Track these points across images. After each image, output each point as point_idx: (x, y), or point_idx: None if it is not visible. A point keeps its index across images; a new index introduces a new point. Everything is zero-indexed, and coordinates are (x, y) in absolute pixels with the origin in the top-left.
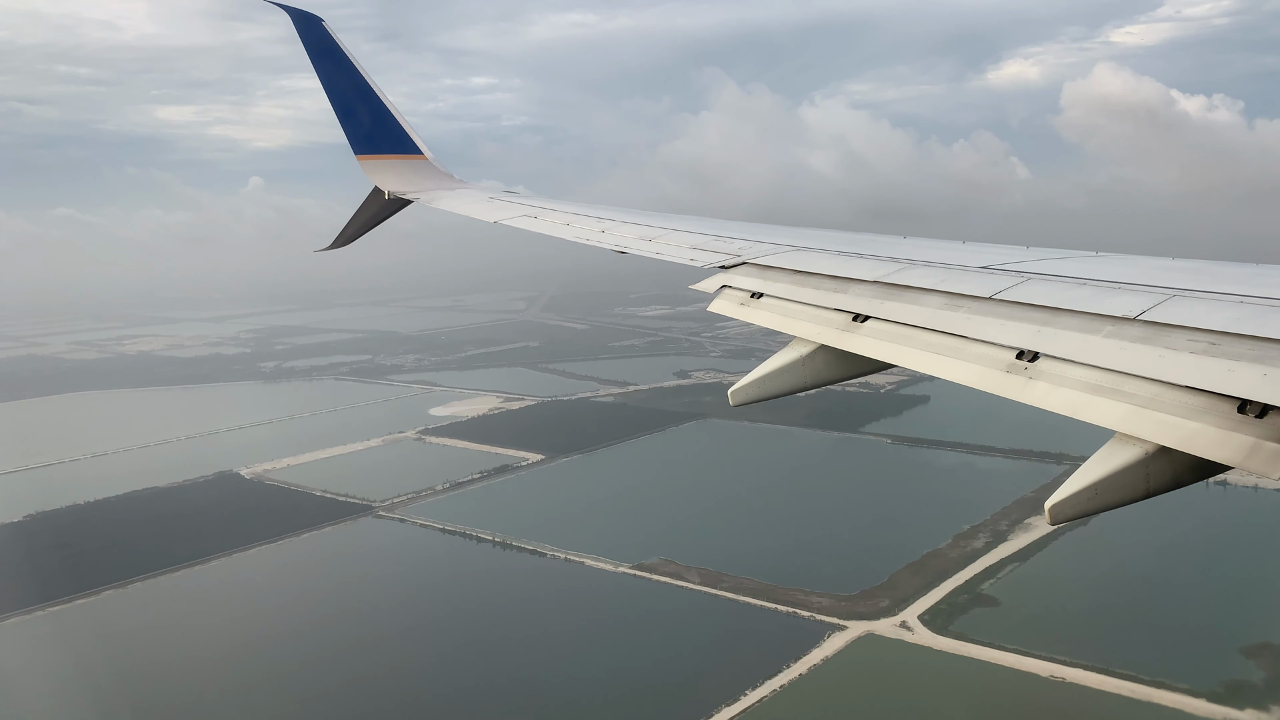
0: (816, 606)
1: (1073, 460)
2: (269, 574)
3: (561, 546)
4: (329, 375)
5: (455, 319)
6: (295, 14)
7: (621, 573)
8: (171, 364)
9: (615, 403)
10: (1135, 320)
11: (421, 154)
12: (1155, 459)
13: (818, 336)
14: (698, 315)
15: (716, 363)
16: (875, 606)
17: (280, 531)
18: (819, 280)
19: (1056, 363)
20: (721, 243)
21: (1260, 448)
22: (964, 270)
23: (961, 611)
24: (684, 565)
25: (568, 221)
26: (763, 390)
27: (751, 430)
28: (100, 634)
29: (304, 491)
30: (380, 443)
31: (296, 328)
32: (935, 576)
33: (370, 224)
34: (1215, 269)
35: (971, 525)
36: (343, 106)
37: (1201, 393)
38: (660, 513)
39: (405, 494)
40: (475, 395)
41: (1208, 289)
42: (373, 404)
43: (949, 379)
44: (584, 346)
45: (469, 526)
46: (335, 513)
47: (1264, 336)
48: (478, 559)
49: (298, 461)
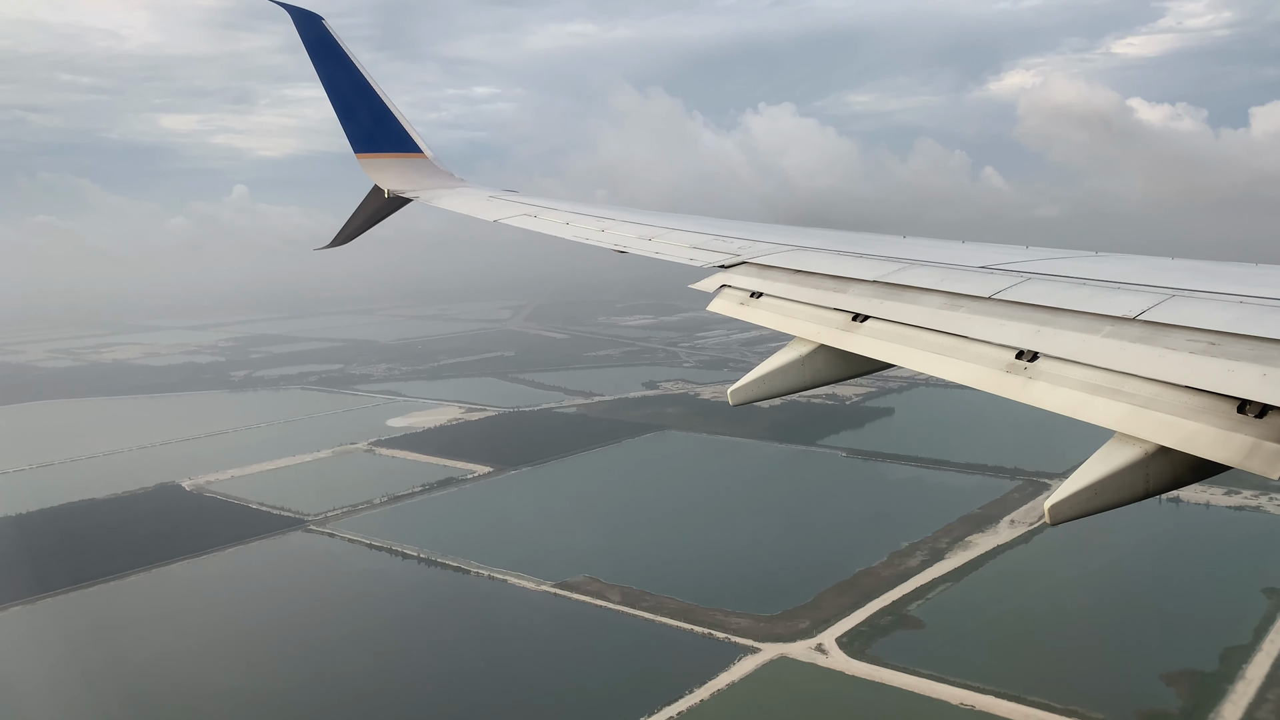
0: (734, 628)
1: (1026, 475)
2: (181, 591)
3: (487, 563)
4: (297, 385)
5: (437, 328)
6: (295, 12)
7: (542, 591)
8: (144, 372)
9: (577, 414)
10: (1135, 320)
11: (421, 153)
12: (1155, 459)
13: (817, 336)
14: (680, 325)
15: (688, 373)
16: (794, 628)
17: (205, 546)
18: (819, 280)
19: (1056, 362)
20: (721, 242)
21: (1260, 448)
22: (963, 270)
23: (882, 634)
24: (608, 584)
25: (567, 221)
26: (762, 390)
27: (708, 442)
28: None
29: (241, 504)
30: (330, 454)
31: (277, 336)
32: (862, 596)
33: (370, 223)
34: (1215, 269)
35: (910, 543)
36: (343, 105)
37: (1201, 393)
38: (594, 528)
39: (342, 507)
40: (437, 406)
41: (1207, 289)
42: (333, 414)
43: (949, 379)
44: (559, 356)
45: (397, 542)
46: (266, 527)
47: (1264, 336)
48: (397, 576)
49: (243, 473)
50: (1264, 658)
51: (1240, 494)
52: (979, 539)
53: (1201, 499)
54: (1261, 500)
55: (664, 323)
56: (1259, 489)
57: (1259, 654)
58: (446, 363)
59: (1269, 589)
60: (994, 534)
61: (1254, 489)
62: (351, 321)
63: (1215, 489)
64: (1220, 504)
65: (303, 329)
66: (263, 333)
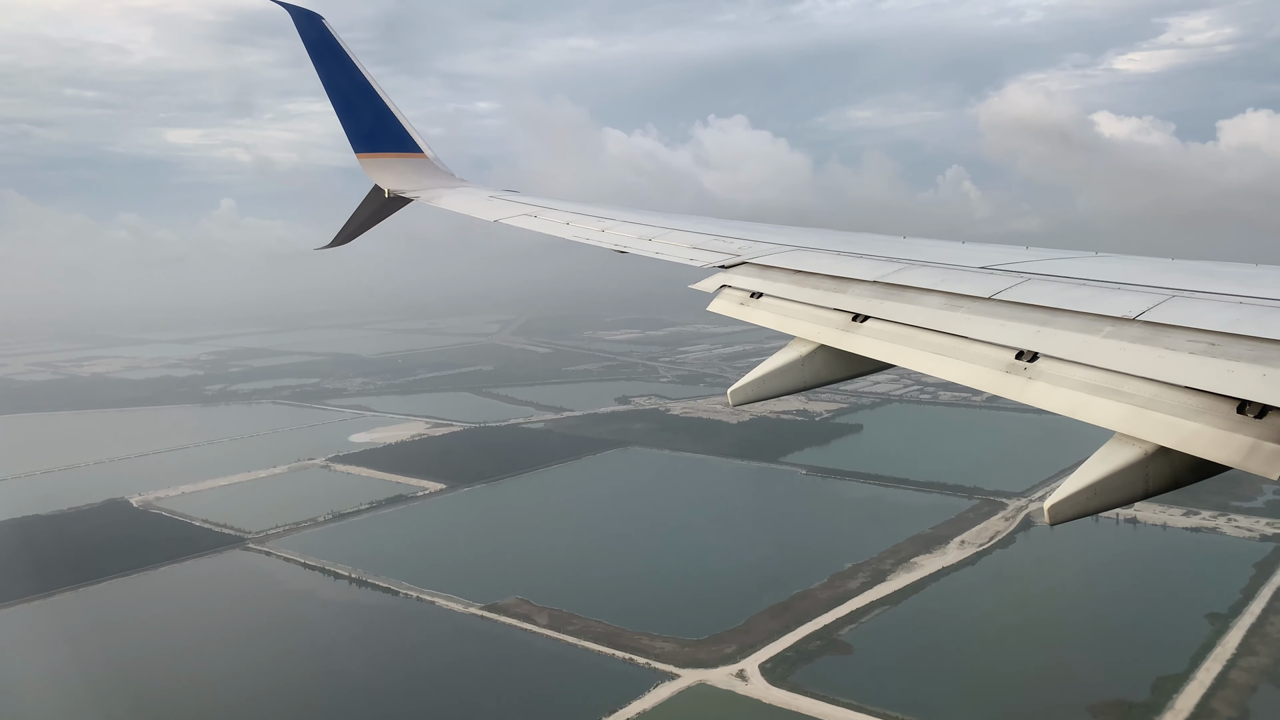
0: (657, 653)
1: (985, 495)
2: (100, 612)
3: (418, 584)
4: (269, 399)
5: (423, 341)
6: (295, 11)
7: (468, 613)
8: (120, 386)
9: (543, 429)
10: (1135, 320)
11: (422, 152)
12: (1155, 459)
13: (817, 336)
14: (664, 340)
15: (663, 389)
16: (719, 653)
17: (137, 565)
18: (819, 280)
19: (1056, 363)
20: (721, 242)
21: (1259, 448)
22: (963, 270)
23: (808, 660)
24: (538, 606)
25: (568, 221)
26: (762, 390)
27: (670, 459)
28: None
29: (185, 521)
30: (286, 470)
31: (262, 349)
32: (795, 620)
33: (370, 223)
34: (1214, 269)
35: (854, 564)
36: (343, 105)
37: (1201, 393)
38: (535, 548)
39: (285, 525)
40: (404, 421)
41: (1207, 289)
42: (297, 429)
43: (948, 379)
44: (538, 371)
45: (331, 561)
46: (204, 545)
47: (1263, 337)
48: (325, 597)
49: (195, 489)
50: (1196, 687)
51: (1199, 514)
52: (925, 560)
53: (1159, 520)
54: (1219, 522)
55: (649, 337)
56: (1218, 510)
57: (1191, 683)
58: (423, 377)
59: (1212, 614)
60: (941, 555)
61: (1213, 510)
62: (339, 335)
63: (1174, 509)
64: (1178, 525)
65: (289, 343)
66: (248, 346)
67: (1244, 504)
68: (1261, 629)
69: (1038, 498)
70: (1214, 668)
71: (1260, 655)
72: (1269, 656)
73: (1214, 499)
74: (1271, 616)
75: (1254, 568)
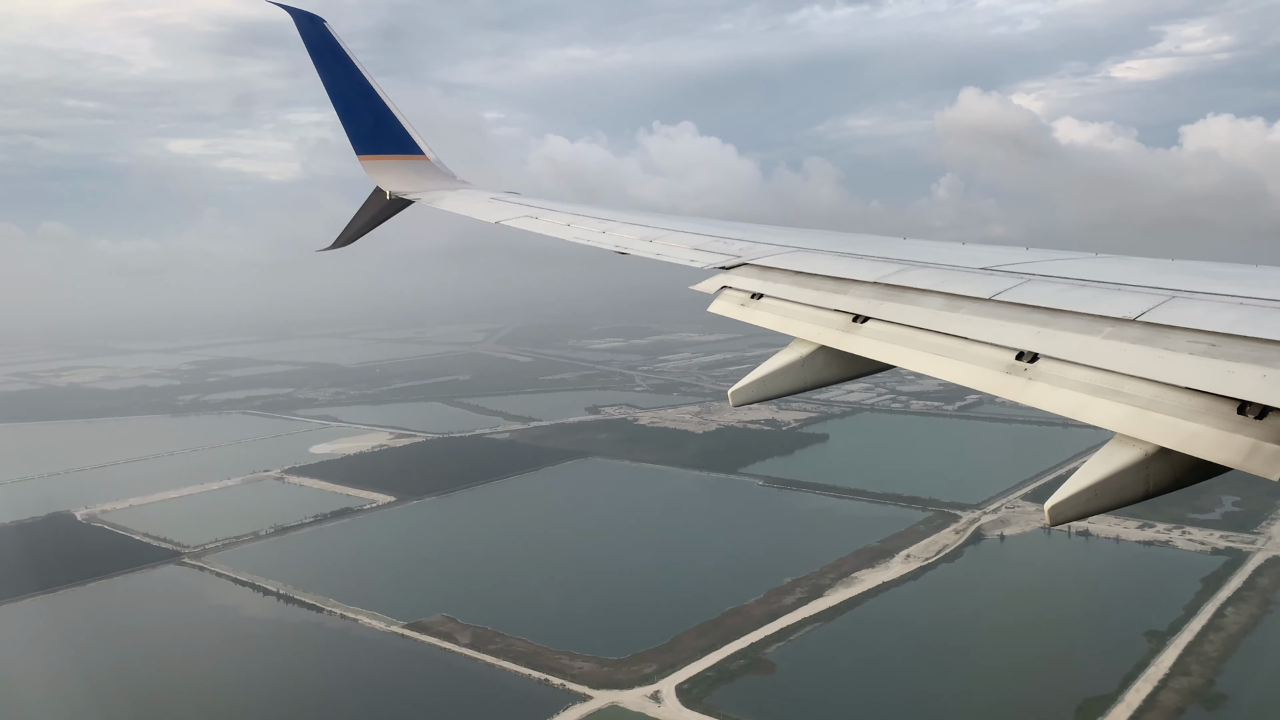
0: (575, 673)
1: (940, 507)
2: (20, 628)
3: (345, 601)
4: (240, 409)
5: (406, 351)
6: (297, 14)
7: (389, 632)
8: (94, 396)
9: (506, 440)
10: (1135, 321)
11: (423, 154)
12: (1155, 460)
13: (817, 337)
14: (646, 349)
15: (636, 398)
16: (638, 673)
17: (68, 580)
18: (819, 281)
19: (1056, 364)
20: (722, 243)
21: (1260, 449)
22: (963, 271)
23: (728, 680)
24: (463, 624)
25: (568, 222)
26: (762, 391)
27: (628, 470)
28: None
29: (125, 535)
30: (239, 482)
31: (244, 359)
32: (723, 637)
33: (371, 224)
34: (1215, 270)
35: (793, 579)
36: (344, 106)
37: (1201, 394)
38: (469, 563)
39: (225, 539)
40: (368, 431)
41: (1207, 290)
42: (260, 440)
43: (949, 380)
44: (515, 380)
45: (263, 576)
46: (140, 559)
47: (1263, 338)
48: (248, 613)
49: (144, 501)
50: (1123, 709)
51: (1154, 527)
52: (866, 575)
53: (1112, 533)
54: (1173, 535)
55: (632, 345)
56: (1174, 522)
57: (1119, 705)
58: (397, 387)
59: (1151, 631)
60: (885, 569)
61: (1169, 522)
62: (324, 344)
63: (1130, 521)
64: (1131, 538)
65: (273, 352)
66: (232, 356)
67: (1201, 516)
68: (1199, 647)
69: (992, 510)
70: (1144, 689)
71: (1194, 675)
72: (1202, 676)
73: (1172, 511)
74: (1210, 634)
75: (1201, 583)
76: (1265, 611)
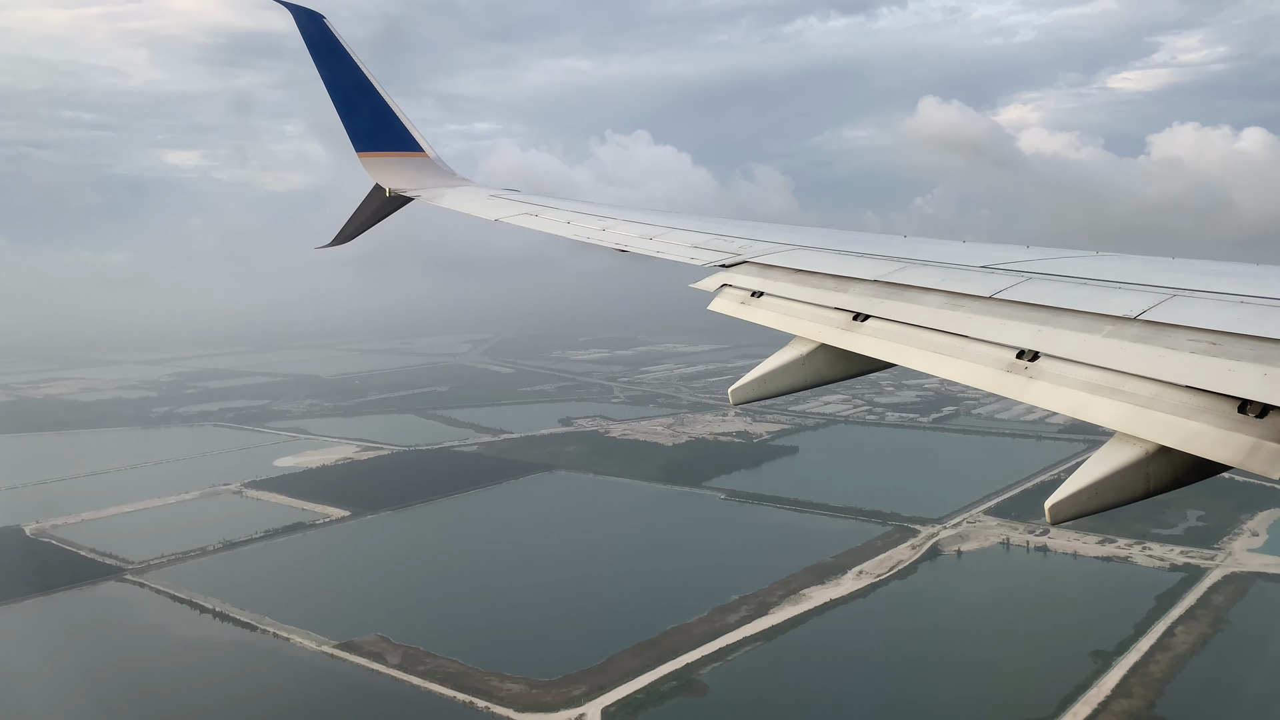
0: (502, 695)
1: (901, 521)
2: None
3: (279, 619)
4: (212, 421)
5: (388, 362)
6: (297, 11)
7: (319, 652)
8: (69, 408)
9: (474, 453)
10: (1136, 320)
11: (423, 151)
12: (1155, 459)
13: (818, 335)
14: (629, 359)
15: (611, 409)
16: (566, 695)
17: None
18: (819, 279)
19: (1057, 362)
20: (722, 241)
21: (1260, 448)
22: (964, 269)
23: (657, 703)
24: (396, 643)
25: (568, 220)
26: (763, 389)
27: (591, 484)
28: None
29: (72, 551)
30: (197, 496)
31: (225, 370)
32: (659, 657)
33: (370, 222)
34: (1216, 269)
35: (740, 596)
36: (344, 104)
37: (1202, 392)
38: (410, 581)
39: (171, 554)
40: (335, 444)
41: (1208, 289)
42: (226, 453)
43: (949, 378)
44: (493, 392)
45: (203, 594)
46: (82, 575)
47: (1264, 336)
48: (178, 632)
49: (96, 516)
50: None
51: (1115, 543)
52: (815, 592)
53: (1071, 548)
54: (1133, 550)
55: (616, 356)
56: (1135, 538)
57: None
58: (373, 399)
59: (1097, 651)
60: (835, 586)
61: (1130, 537)
62: (307, 355)
63: (1090, 536)
64: (1090, 553)
65: (255, 363)
66: (214, 367)
67: (1164, 531)
68: (1145, 668)
69: (953, 525)
70: (1082, 711)
71: (1135, 697)
72: (1143, 699)
73: (1135, 526)
74: (1158, 654)
75: (1155, 600)
76: (1216, 630)
